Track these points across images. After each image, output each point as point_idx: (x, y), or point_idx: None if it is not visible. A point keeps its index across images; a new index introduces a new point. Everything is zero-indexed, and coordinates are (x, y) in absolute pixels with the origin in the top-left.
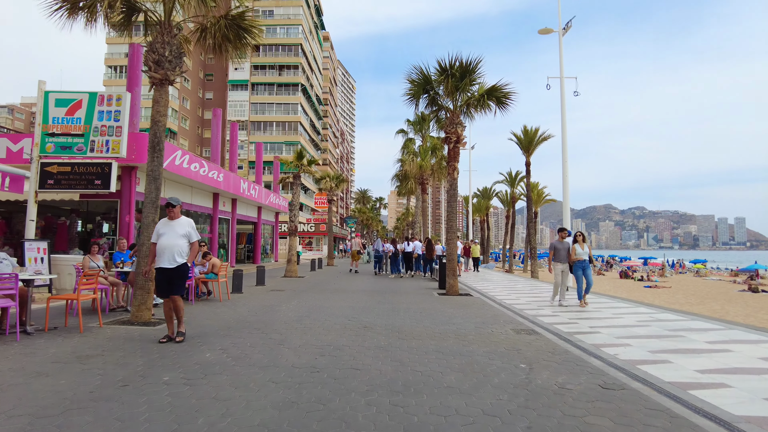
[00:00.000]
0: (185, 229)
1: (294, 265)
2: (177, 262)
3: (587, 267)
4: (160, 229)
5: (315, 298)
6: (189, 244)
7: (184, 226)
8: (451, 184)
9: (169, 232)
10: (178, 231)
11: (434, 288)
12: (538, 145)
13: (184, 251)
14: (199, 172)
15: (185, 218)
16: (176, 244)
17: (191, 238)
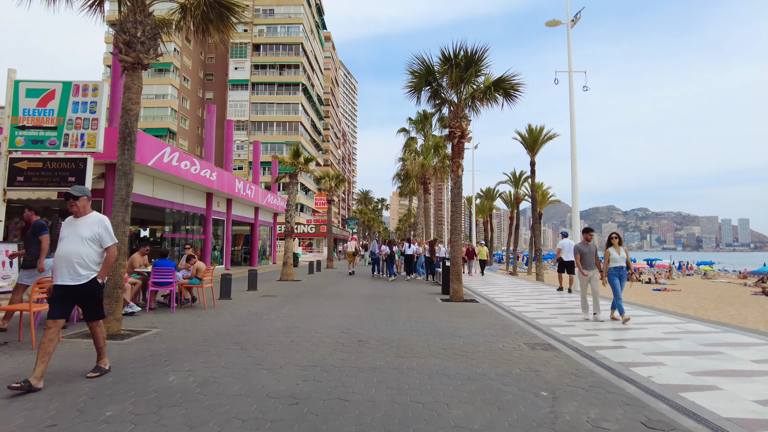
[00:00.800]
0: (93, 229)
1: (290, 268)
2: (81, 277)
3: (624, 275)
4: (62, 231)
5: (308, 305)
6: (101, 251)
7: (91, 225)
8: (456, 182)
9: (70, 235)
10: (83, 233)
11: (437, 293)
12: (543, 144)
13: (93, 261)
14: (190, 170)
15: (96, 215)
16: (79, 252)
17: (104, 241)
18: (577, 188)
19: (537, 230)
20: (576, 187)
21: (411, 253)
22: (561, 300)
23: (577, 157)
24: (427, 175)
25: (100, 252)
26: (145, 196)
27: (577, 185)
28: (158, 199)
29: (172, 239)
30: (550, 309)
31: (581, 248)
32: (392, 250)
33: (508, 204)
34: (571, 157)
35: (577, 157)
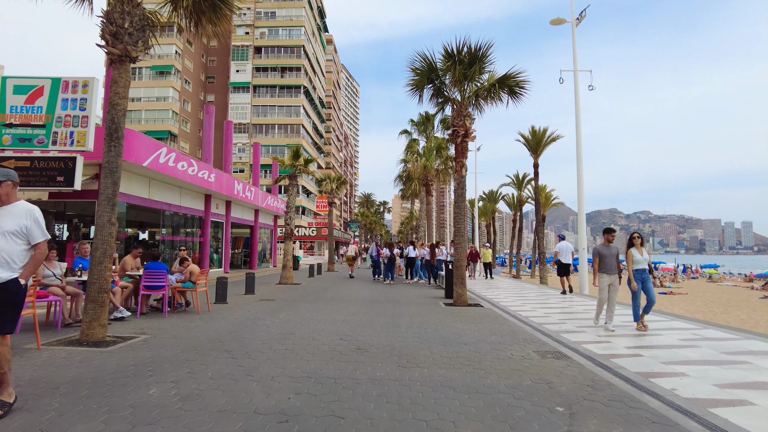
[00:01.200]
0: (19, 221)
1: (289, 271)
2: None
3: (647, 278)
4: None
5: (307, 310)
6: (27, 248)
7: (18, 217)
8: (459, 182)
9: None
10: (5, 225)
11: (440, 297)
12: (546, 146)
13: (17, 259)
14: (188, 171)
15: (24, 205)
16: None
17: (33, 237)
18: (583, 189)
19: (540, 233)
20: (582, 187)
21: (414, 256)
22: (568, 304)
23: (583, 158)
24: (429, 177)
25: (26, 249)
26: (141, 197)
27: (583, 186)
28: (154, 200)
29: (170, 242)
30: (557, 314)
31: (601, 250)
32: (392, 252)
33: (511, 207)
34: (576, 157)
35: (586, 153)
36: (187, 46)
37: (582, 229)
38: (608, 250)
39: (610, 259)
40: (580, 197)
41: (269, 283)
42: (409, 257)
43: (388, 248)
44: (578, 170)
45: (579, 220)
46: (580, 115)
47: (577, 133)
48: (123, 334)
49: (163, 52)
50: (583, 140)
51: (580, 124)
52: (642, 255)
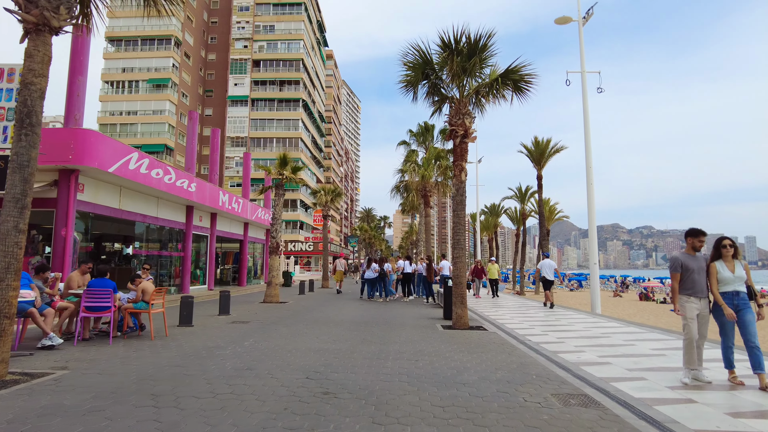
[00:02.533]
0: None
1: (275, 288)
2: None
3: (744, 307)
4: None
5: (281, 335)
6: None
7: None
8: (458, 188)
9: None
10: None
11: (437, 318)
12: (550, 157)
13: None
14: (163, 179)
15: None
16: None
17: None
18: (593, 197)
19: (545, 248)
20: (592, 196)
21: (410, 272)
22: (582, 326)
23: (592, 165)
24: (428, 188)
25: None
26: (110, 207)
27: (593, 194)
28: (126, 211)
29: (145, 257)
30: (572, 338)
31: (686, 261)
32: (383, 269)
33: (514, 221)
34: (586, 164)
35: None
36: (185, 59)
37: (593, 240)
38: (695, 262)
39: (699, 275)
40: (590, 206)
41: (252, 302)
42: (404, 273)
43: (378, 264)
44: (587, 177)
45: (590, 232)
46: (588, 119)
47: (586, 137)
48: (37, 369)
49: (160, 65)
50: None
51: (589, 128)
52: (734, 271)
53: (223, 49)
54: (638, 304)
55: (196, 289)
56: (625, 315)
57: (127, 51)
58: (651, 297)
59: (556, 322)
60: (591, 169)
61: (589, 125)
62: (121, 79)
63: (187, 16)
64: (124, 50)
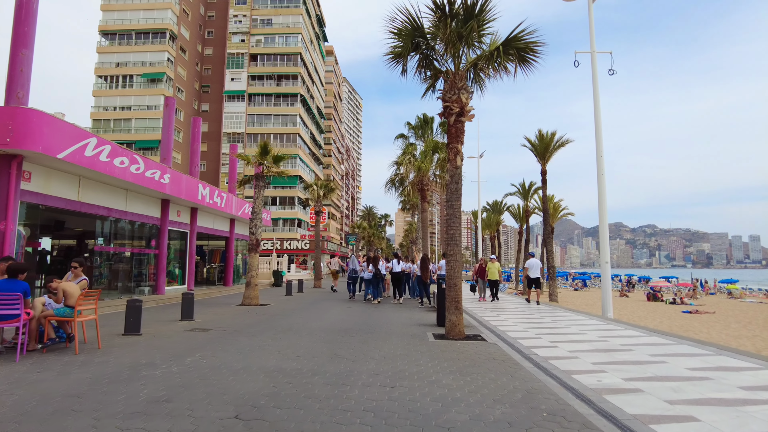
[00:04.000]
0: None
1: (254, 290)
2: None
3: None
4: None
5: (238, 348)
6: None
7: None
8: (453, 175)
9: None
10: None
11: (430, 324)
12: (555, 151)
13: None
14: (129, 169)
15: None
16: None
17: None
18: (604, 189)
19: (549, 245)
20: (603, 189)
21: (399, 271)
22: (596, 335)
23: (603, 155)
24: (425, 182)
25: None
26: (67, 199)
27: (605, 187)
28: (87, 204)
29: (110, 254)
30: (587, 352)
31: None
32: (377, 268)
33: (517, 218)
34: (597, 153)
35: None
36: (180, 53)
37: (604, 237)
38: None
39: None
40: (601, 199)
41: (229, 305)
42: (393, 272)
43: (372, 263)
44: (598, 167)
45: (601, 228)
46: (599, 103)
47: (596, 123)
48: None
49: (155, 59)
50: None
51: (599, 113)
52: None
53: (220, 43)
54: (647, 305)
55: (173, 289)
56: (638, 318)
57: (121, 45)
58: (660, 297)
59: (565, 329)
60: (602, 158)
61: (599, 110)
62: (114, 73)
63: (183, 9)
64: (118, 44)
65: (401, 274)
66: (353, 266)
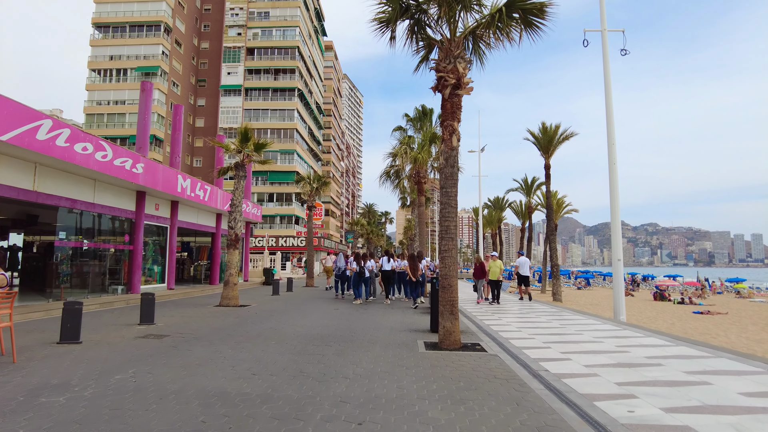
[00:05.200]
0: None
1: (232, 290)
2: None
3: None
4: None
5: (187, 361)
6: None
7: None
8: (447, 157)
9: None
10: None
11: (422, 330)
12: (559, 145)
13: None
14: (94, 156)
15: None
16: None
17: None
18: (617, 181)
19: (553, 243)
20: (615, 179)
21: (389, 269)
22: (615, 344)
23: (615, 142)
24: (422, 174)
25: None
26: (20, 188)
27: (617, 177)
28: (46, 194)
29: (73, 249)
30: (607, 366)
31: None
32: (361, 266)
33: (519, 215)
34: (608, 141)
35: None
36: (176, 46)
37: (616, 233)
38: None
39: None
40: (612, 191)
41: (205, 305)
42: (383, 270)
43: (355, 261)
44: (610, 156)
45: (613, 223)
46: (610, 87)
47: (607, 107)
48: None
49: (149, 52)
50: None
51: (611, 97)
52: None
53: (217, 37)
54: (655, 304)
55: (151, 288)
56: (648, 320)
57: (114, 38)
58: (667, 297)
59: (576, 336)
60: (614, 146)
61: (610, 94)
62: (108, 67)
63: (178, 1)
64: (112, 37)
65: (391, 272)
66: (339, 264)
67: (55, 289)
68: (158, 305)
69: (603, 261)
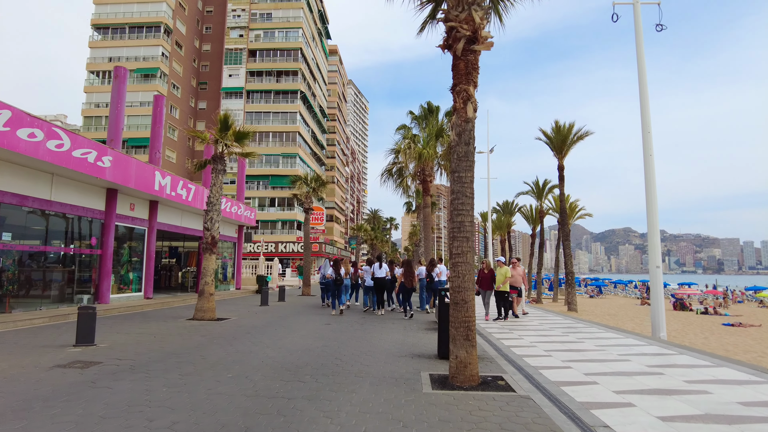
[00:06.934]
0: None
1: (208, 301)
2: None
3: None
4: None
5: (93, 410)
6: None
7: None
8: (460, 132)
9: None
10: None
11: (427, 356)
12: (573, 145)
13: None
14: (45, 145)
15: None
16: None
17: None
18: (653, 175)
19: (567, 248)
20: (652, 173)
21: (382, 276)
22: (682, 376)
23: (651, 130)
24: (428, 171)
25: None
26: None
27: (654, 171)
28: None
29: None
30: (691, 418)
31: None
32: (339, 273)
33: (529, 220)
34: (642, 131)
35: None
36: (176, 48)
37: (654, 234)
38: None
39: None
40: (649, 187)
41: (177, 319)
42: (376, 278)
43: (333, 269)
44: (645, 146)
45: (650, 222)
46: (644, 63)
47: (641, 88)
48: None
49: (149, 54)
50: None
51: (645, 74)
52: None
53: (218, 39)
54: (676, 315)
55: (124, 297)
56: (681, 335)
57: (114, 39)
58: (688, 306)
59: (623, 363)
60: (650, 134)
61: (644, 70)
62: (107, 68)
63: (179, 2)
64: (111, 38)
65: (384, 280)
66: (324, 272)
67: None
68: (121, 318)
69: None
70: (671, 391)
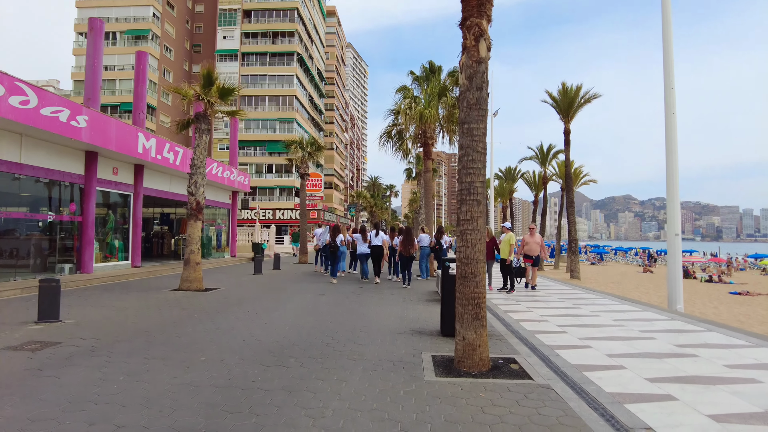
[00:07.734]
0: None
1: (194, 270)
2: None
3: None
4: None
5: (22, 413)
6: None
7: None
8: (471, 75)
9: None
10: None
11: (428, 331)
12: (580, 108)
13: None
14: (8, 101)
15: None
16: None
17: None
18: (675, 133)
19: (572, 215)
20: (674, 130)
21: (378, 245)
22: (722, 359)
23: (674, 82)
24: (429, 133)
25: None
26: None
27: (675, 128)
28: None
29: None
30: (744, 414)
31: None
32: (335, 240)
33: (532, 186)
34: (665, 84)
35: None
36: (168, 9)
37: (675, 201)
38: None
39: None
40: (670, 147)
41: (161, 289)
42: (372, 245)
43: (331, 234)
44: (666, 103)
45: (669, 187)
46: (669, 12)
47: (664, 32)
48: None
49: (139, 14)
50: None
51: (670, 27)
52: None
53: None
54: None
55: (109, 266)
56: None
57: None
58: (692, 274)
59: (647, 341)
60: (673, 90)
61: (670, 21)
62: None
63: None
64: None
65: (380, 248)
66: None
67: None
68: (100, 290)
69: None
70: (713, 379)
